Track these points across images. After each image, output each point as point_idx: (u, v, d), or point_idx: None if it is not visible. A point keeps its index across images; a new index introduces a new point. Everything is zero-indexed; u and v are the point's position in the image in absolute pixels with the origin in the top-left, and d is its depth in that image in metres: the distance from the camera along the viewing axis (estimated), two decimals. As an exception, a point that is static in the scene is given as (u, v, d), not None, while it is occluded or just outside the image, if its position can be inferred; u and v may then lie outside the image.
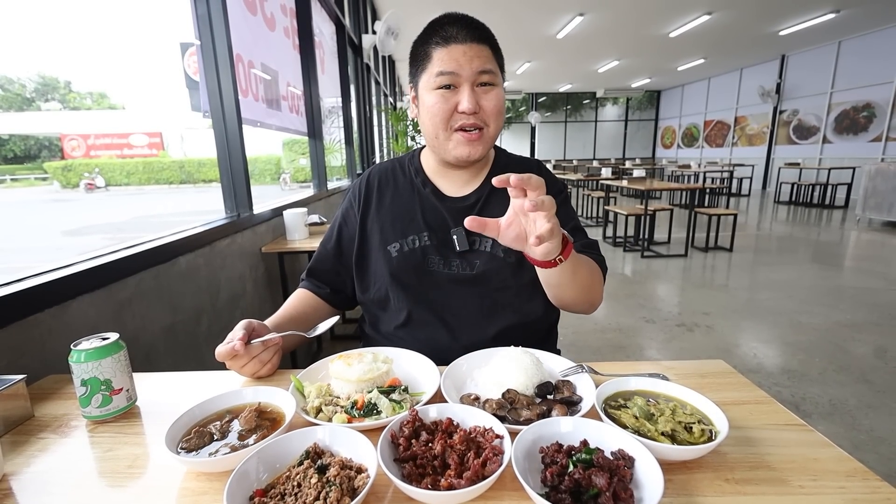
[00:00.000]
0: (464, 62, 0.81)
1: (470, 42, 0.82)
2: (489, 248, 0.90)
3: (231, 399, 0.63)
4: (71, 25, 70.32)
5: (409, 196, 0.95)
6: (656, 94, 17.43)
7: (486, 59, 0.82)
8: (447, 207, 0.93)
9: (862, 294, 3.59)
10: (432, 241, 0.91)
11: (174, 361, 1.26)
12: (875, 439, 1.80)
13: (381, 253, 0.92)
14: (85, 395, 0.63)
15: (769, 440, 0.56)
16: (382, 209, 0.96)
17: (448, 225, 0.92)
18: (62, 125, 23.10)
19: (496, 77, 0.84)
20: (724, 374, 0.74)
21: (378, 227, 0.94)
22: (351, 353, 0.72)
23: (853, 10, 7.69)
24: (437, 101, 0.83)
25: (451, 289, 0.90)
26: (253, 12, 2.18)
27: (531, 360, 0.69)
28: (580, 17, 7.80)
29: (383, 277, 0.92)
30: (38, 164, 21.77)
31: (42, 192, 18.76)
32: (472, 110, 0.81)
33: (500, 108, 0.85)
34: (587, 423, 0.54)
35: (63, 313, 0.88)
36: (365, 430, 0.57)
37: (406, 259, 0.91)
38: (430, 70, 0.83)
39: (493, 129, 0.86)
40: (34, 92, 28.47)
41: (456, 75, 0.81)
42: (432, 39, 0.83)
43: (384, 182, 0.98)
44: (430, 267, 0.91)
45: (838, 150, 9.95)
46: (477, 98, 0.82)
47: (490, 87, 0.83)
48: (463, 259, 0.90)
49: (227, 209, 1.83)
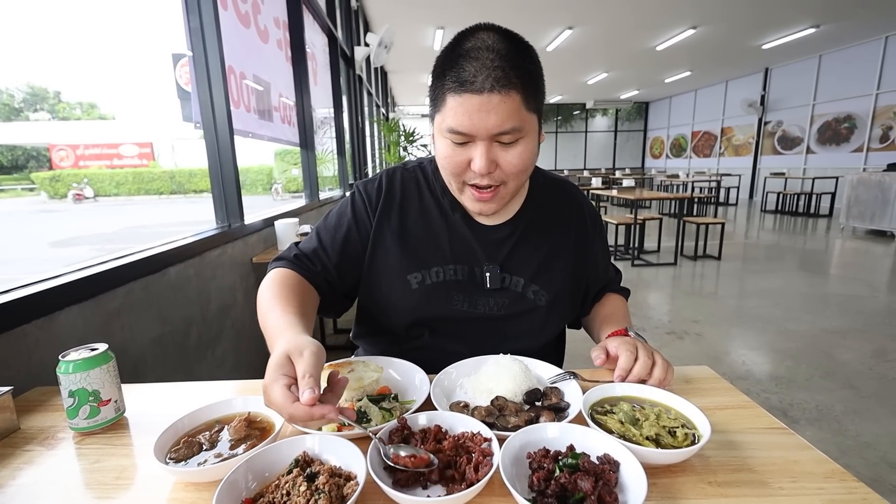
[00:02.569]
0: (478, 119, 0.65)
1: (489, 92, 0.63)
2: (520, 287, 0.82)
3: (220, 409, 0.63)
4: (63, 35, 70.17)
5: (436, 219, 0.82)
6: (645, 106, 17.74)
7: (508, 114, 0.64)
8: (479, 238, 0.81)
9: (847, 301, 3.66)
10: (458, 275, 0.81)
11: (163, 372, 1.25)
12: (861, 444, 1.82)
13: (399, 281, 0.81)
14: (72, 407, 0.63)
15: (751, 443, 0.57)
16: (405, 228, 0.82)
17: (478, 258, 0.81)
18: (51, 135, 22.90)
19: (521, 132, 0.67)
20: (709, 380, 0.75)
21: (398, 249, 0.81)
22: (341, 362, 0.73)
23: (832, 25, 7.94)
24: (449, 152, 0.70)
25: (470, 327, 0.82)
26: (246, 25, 2.21)
27: (520, 368, 0.70)
28: (569, 31, 7.96)
29: (399, 310, 0.82)
30: (25, 175, 21.51)
31: (29, 203, 18.51)
32: (485, 171, 0.68)
33: (523, 165, 0.70)
34: (573, 428, 0.55)
35: (50, 325, 0.87)
36: (355, 439, 0.57)
37: (428, 294, 0.80)
38: (442, 114, 0.68)
39: (513, 186, 0.73)
40: (23, 102, 28.23)
41: (468, 135, 0.67)
42: (448, 76, 0.66)
43: (408, 195, 0.84)
44: (453, 305, 0.81)
45: (822, 160, 10.18)
46: (494, 156, 0.68)
47: (512, 144, 0.68)
48: (491, 298, 0.81)
49: (217, 219, 1.83)
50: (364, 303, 0.88)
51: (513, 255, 0.83)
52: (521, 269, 0.83)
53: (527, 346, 0.83)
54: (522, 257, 0.83)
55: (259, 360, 1.98)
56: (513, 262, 0.83)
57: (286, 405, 0.49)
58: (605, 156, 18.31)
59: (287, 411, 0.50)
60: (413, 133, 6.12)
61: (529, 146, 0.70)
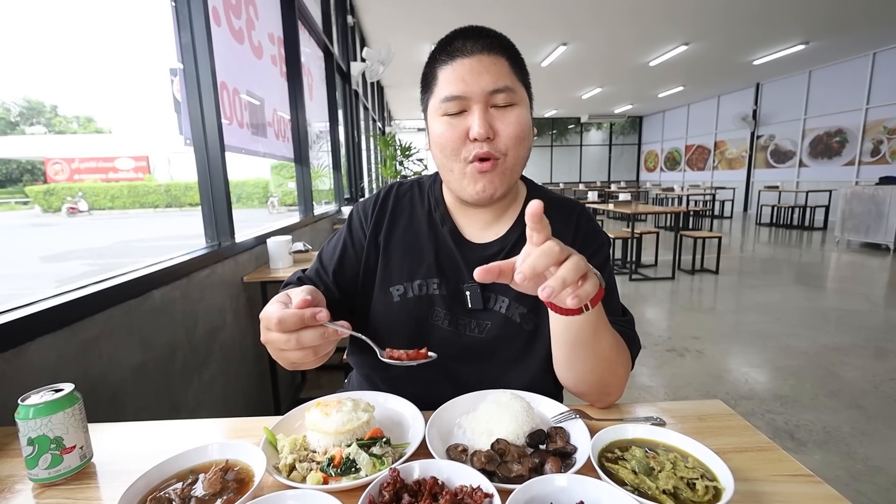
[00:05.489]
0: (471, 79, 0.66)
1: (479, 54, 0.67)
2: (505, 308, 0.77)
3: (195, 457, 0.58)
4: (61, 49, 70.62)
5: (425, 232, 0.81)
6: (638, 120, 17.95)
7: (499, 74, 0.67)
8: (465, 256, 0.78)
9: (847, 316, 3.63)
10: (441, 290, 0.78)
11: (144, 402, 1.19)
12: (872, 469, 1.76)
13: (382, 293, 0.79)
14: (31, 456, 0.57)
15: (777, 495, 0.52)
16: (392, 240, 0.81)
17: (462, 276, 0.78)
18: (46, 149, 22.84)
19: (515, 94, 0.68)
20: (724, 417, 0.71)
21: (383, 261, 0.80)
22: (329, 399, 0.67)
23: (822, 41, 8.08)
24: (445, 128, 0.69)
25: (453, 352, 0.76)
26: (240, 41, 2.18)
27: (522, 406, 0.65)
28: (563, 47, 8.05)
29: (383, 324, 0.79)
30: (19, 188, 21.39)
31: (22, 217, 18.36)
32: (484, 136, 0.66)
33: (521, 132, 0.69)
34: (584, 481, 0.50)
35: (18, 358, 0.81)
36: (342, 492, 0.52)
37: (409, 307, 0.78)
38: (436, 94, 0.70)
39: (513, 158, 0.70)
40: (19, 116, 28.22)
41: (463, 99, 0.67)
42: (438, 57, 0.71)
43: (400, 207, 0.83)
44: (433, 320, 0.78)
45: (814, 173, 10.28)
46: (491, 121, 0.68)
47: (508, 107, 0.68)
48: (473, 319, 0.77)
49: (207, 238, 1.78)
50: (358, 318, 0.84)
51: None
52: (507, 289, 0.76)
53: (514, 380, 0.76)
54: None
55: (249, 383, 1.91)
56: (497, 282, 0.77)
57: (277, 311, 0.54)
58: (601, 169, 18.44)
59: (277, 315, 0.53)
60: (409, 147, 6.12)
61: (524, 114, 0.70)
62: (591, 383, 0.69)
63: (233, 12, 2.09)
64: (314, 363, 0.62)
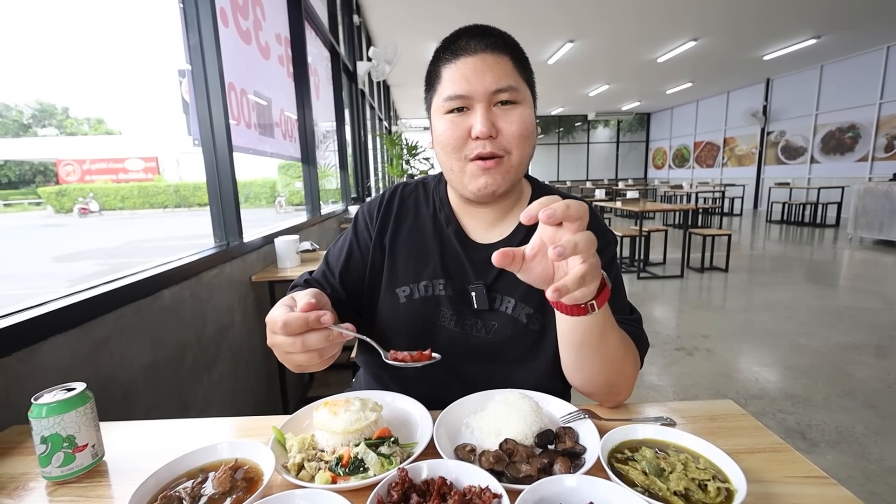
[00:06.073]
0: (474, 79, 0.67)
1: (483, 52, 0.68)
2: (511, 309, 0.77)
3: (204, 456, 0.58)
4: (71, 52, 71.64)
5: (430, 232, 0.81)
6: (646, 117, 17.79)
7: (503, 73, 0.68)
8: (469, 256, 0.78)
9: (860, 314, 3.57)
10: (447, 291, 0.78)
11: (154, 401, 1.20)
12: (886, 469, 1.74)
13: (388, 294, 0.80)
14: (45, 454, 0.57)
15: (791, 497, 0.51)
16: (397, 241, 0.81)
17: (468, 277, 0.78)
18: (58, 150, 23.18)
19: (518, 93, 0.69)
20: (735, 417, 0.70)
21: (389, 263, 0.81)
22: (337, 399, 0.67)
23: (833, 36, 7.95)
24: (447, 127, 0.70)
25: (461, 352, 0.77)
26: (247, 42, 2.20)
27: (530, 406, 0.65)
28: (570, 44, 8.00)
29: (389, 326, 0.79)
30: (32, 190, 21.75)
31: (35, 218, 18.66)
32: (486, 134, 0.67)
33: (524, 131, 0.69)
34: (593, 482, 0.50)
35: (31, 357, 0.82)
36: (350, 491, 0.52)
37: (415, 308, 0.78)
38: (439, 92, 0.71)
39: (517, 156, 0.70)
40: (31, 118, 28.65)
41: (466, 97, 0.68)
42: (442, 56, 0.71)
43: (405, 208, 0.84)
44: (440, 321, 0.78)
45: (826, 169, 10.12)
46: (494, 120, 0.68)
47: (511, 106, 0.69)
48: (480, 319, 0.77)
49: (216, 238, 1.79)
50: (365, 320, 0.85)
51: (503, 274, 0.77)
52: (512, 289, 0.77)
53: (522, 379, 0.76)
54: (514, 277, 0.77)
55: (257, 382, 1.93)
56: (503, 282, 0.77)
57: (282, 315, 0.55)
58: (608, 167, 18.31)
59: (282, 318, 0.55)
60: (416, 146, 6.12)
61: (528, 113, 0.70)
62: (600, 384, 0.68)
63: (240, 13, 2.10)
64: (320, 366, 0.62)
